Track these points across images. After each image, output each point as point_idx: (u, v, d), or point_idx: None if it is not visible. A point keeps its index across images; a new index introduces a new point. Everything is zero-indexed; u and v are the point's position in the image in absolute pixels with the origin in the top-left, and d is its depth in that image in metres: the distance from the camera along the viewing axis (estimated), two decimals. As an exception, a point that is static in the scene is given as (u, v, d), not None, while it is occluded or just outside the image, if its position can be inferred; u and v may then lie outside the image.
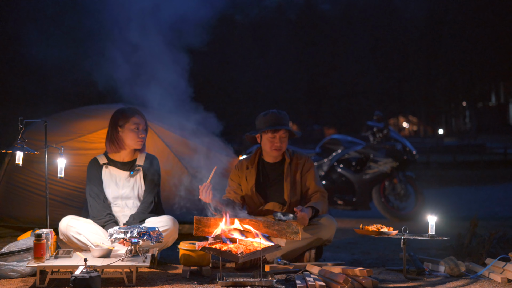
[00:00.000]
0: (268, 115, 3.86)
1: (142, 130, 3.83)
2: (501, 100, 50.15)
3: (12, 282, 3.20)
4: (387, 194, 7.27)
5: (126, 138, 3.81)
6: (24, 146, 3.55)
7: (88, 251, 3.49)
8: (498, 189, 12.82)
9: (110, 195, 3.83)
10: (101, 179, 3.84)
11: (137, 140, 3.81)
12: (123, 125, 3.80)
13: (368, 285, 3.12)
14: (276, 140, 3.83)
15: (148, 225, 3.59)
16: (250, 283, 3.06)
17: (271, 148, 3.85)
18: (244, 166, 3.95)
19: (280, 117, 3.84)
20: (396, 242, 3.35)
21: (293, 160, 3.92)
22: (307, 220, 3.61)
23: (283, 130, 3.82)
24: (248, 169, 3.93)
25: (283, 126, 3.83)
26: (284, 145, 3.86)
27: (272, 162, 3.94)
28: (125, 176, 3.86)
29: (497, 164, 22.07)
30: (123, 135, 3.81)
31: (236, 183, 3.96)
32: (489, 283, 3.26)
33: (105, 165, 3.86)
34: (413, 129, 52.80)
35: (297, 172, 3.89)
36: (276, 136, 3.82)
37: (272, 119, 3.84)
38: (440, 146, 30.70)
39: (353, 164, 7.52)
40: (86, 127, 5.09)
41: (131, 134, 3.80)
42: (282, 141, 3.84)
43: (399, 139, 7.47)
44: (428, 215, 3.40)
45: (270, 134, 3.82)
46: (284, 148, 3.87)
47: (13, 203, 4.93)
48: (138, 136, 3.81)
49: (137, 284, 3.12)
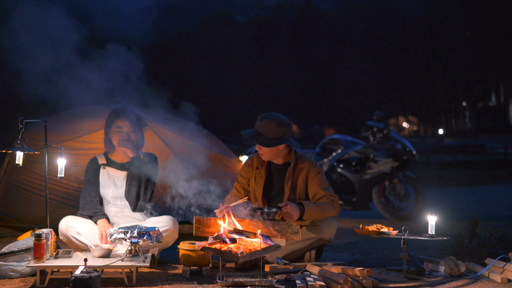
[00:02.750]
0: (257, 120, 3.80)
1: (126, 133, 3.83)
2: (501, 100, 50.13)
3: (12, 282, 3.20)
4: (387, 194, 7.27)
5: (113, 139, 3.88)
6: (24, 146, 3.55)
7: (88, 251, 3.49)
8: (498, 189, 12.82)
9: (109, 195, 3.83)
10: (98, 180, 3.86)
11: (122, 143, 3.81)
12: (109, 126, 3.88)
13: (368, 285, 3.12)
14: (257, 146, 3.79)
15: (148, 225, 3.59)
16: (250, 283, 3.06)
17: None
18: (255, 165, 3.88)
19: (258, 125, 3.76)
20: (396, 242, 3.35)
21: (297, 164, 3.83)
22: (293, 216, 3.52)
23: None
24: (258, 170, 3.86)
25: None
26: (263, 151, 3.76)
27: (278, 164, 3.87)
28: (122, 176, 3.88)
29: (497, 164, 22.06)
30: (111, 136, 3.88)
31: (246, 179, 3.89)
32: (489, 283, 3.26)
33: (103, 166, 3.89)
34: (413, 129, 52.81)
35: (299, 177, 3.79)
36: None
37: (256, 124, 3.79)
38: (440, 146, 30.66)
39: (353, 164, 7.53)
40: (86, 127, 5.08)
41: (115, 136, 3.86)
42: (260, 147, 3.76)
43: (399, 139, 7.46)
44: (428, 215, 3.40)
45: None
46: (265, 155, 3.77)
47: (13, 203, 4.93)
48: (122, 138, 3.82)
49: (137, 284, 3.12)
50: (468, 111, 49.80)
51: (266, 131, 3.72)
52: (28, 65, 3.87)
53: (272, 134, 3.71)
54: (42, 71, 3.89)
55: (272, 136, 3.71)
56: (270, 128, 3.72)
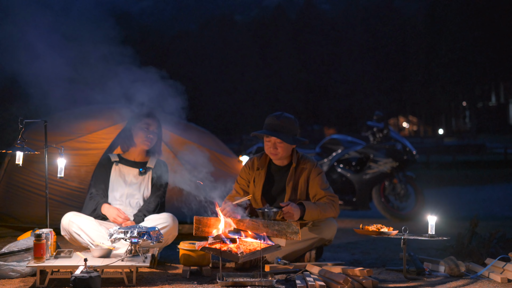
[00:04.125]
0: (269, 118, 3.75)
1: (151, 131, 3.94)
2: (501, 100, 50.16)
3: (12, 282, 3.20)
4: (387, 194, 7.26)
5: (135, 136, 3.94)
6: (24, 146, 3.55)
7: (88, 250, 3.49)
8: (498, 189, 12.83)
9: (116, 192, 3.86)
10: (108, 180, 3.91)
11: (145, 139, 3.92)
12: (135, 123, 3.95)
13: (368, 285, 3.12)
14: (270, 144, 3.71)
15: (148, 224, 3.59)
16: (250, 283, 3.06)
17: (268, 152, 3.75)
18: (255, 166, 3.83)
19: (276, 123, 3.69)
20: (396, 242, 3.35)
21: (299, 165, 3.78)
22: (294, 215, 3.50)
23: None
24: (258, 171, 3.82)
25: (273, 133, 3.67)
26: (280, 150, 3.69)
27: (279, 165, 3.82)
28: (134, 173, 3.95)
29: (497, 164, 22.07)
30: (134, 132, 3.95)
31: (246, 181, 3.86)
32: (489, 283, 3.26)
33: (115, 163, 3.96)
34: (413, 129, 52.83)
35: (301, 177, 3.76)
36: (270, 141, 3.70)
37: (269, 122, 3.72)
38: (440, 146, 30.69)
39: (353, 164, 7.52)
40: (86, 127, 5.08)
41: (140, 132, 3.92)
42: (277, 146, 3.69)
43: (399, 139, 7.46)
44: (428, 215, 3.40)
45: (265, 137, 3.72)
46: (280, 154, 3.71)
47: (13, 203, 4.93)
48: (146, 135, 3.92)
49: (137, 284, 3.12)
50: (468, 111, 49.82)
51: (286, 129, 3.69)
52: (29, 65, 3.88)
53: (292, 132, 3.71)
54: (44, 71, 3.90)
55: (292, 134, 3.71)
56: (289, 126, 3.70)
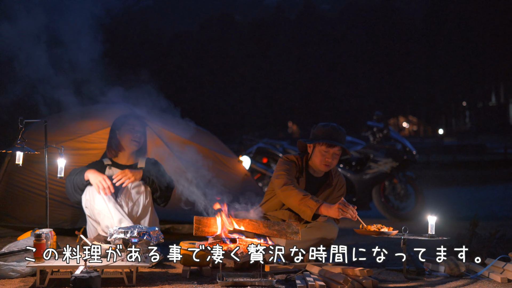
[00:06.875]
0: (328, 128, 3.69)
1: (137, 130, 3.96)
2: (501, 100, 50.14)
3: (12, 282, 3.20)
4: (387, 194, 7.26)
5: (122, 139, 3.97)
6: (24, 146, 3.55)
7: None
8: (498, 189, 12.82)
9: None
10: None
11: (132, 139, 3.94)
12: (119, 127, 3.97)
13: (368, 285, 3.12)
14: (328, 155, 3.67)
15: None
16: (250, 283, 3.06)
17: (321, 162, 3.69)
18: (294, 171, 3.73)
19: (338, 133, 3.69)
20: (396, 242, 3.36)
21: (334, 179, 3.82)
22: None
23: (338, 147, 3.66)
24: (297, 177, 3.75)
25: (340, 143, 3.67)
26: (335, 162, 3.70)
27: (315, 176, 3.80)
28: None
29: (497, 164, 22.05)
30: (120, 137, 3.97)
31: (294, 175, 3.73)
32: (489, 283, 3.26)
33: (108, 166, 3.98)
34: (413, 129, 52.83)
35: (332, 192, 3.82)
36: (329, 151, 3.67)
37: (331, 132, 3.68)
38: (440, 146, 30.67)
39: (353, 164, 7.52)
40: (86, 127, 5.08)
41: (126, 135, 3.95)
42: (334, 157, 3.68)
43: (399, 139, 7.46)
44: (428, 215, 3.40)
45: (324, 147, 3.66)
46: (334, 165, 3.73)
47: (13, 203, 4.92)
48: (133, 135, 3.94)
49: (137, 284, 3.12)
50: (468, 111, 49.84)
51: (343, 140, 3.72)
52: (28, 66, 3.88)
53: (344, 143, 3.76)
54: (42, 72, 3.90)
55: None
56: (344, 137, 3.75)
